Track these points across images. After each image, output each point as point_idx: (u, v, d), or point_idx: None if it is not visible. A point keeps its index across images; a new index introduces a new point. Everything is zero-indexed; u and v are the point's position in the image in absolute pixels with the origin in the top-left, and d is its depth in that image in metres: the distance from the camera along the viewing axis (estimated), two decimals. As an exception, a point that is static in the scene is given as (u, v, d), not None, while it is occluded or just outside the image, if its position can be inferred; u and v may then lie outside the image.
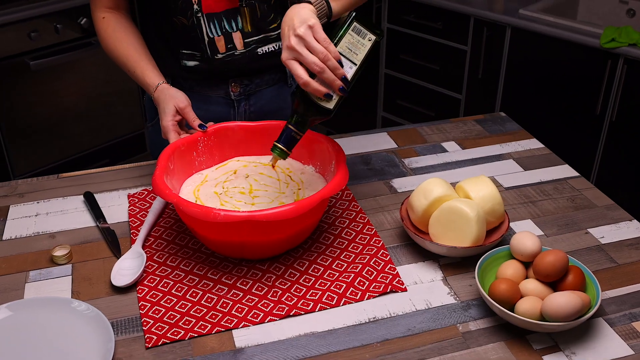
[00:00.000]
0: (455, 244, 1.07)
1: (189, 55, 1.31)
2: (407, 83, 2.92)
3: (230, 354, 0.93)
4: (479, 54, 2.56)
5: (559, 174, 1.36)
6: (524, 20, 2.38)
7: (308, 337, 0.96)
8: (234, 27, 1.28)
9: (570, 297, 0.91)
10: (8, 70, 2.57)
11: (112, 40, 1.31)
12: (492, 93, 2.59)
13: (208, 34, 1.28)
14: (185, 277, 1.07)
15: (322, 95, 1.04)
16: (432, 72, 2.79)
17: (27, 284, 1.07)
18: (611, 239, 1.16)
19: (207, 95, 1.36)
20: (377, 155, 1.42)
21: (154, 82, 1.27)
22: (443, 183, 1.13)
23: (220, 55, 1.30)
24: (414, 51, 2.83)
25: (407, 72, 2.91)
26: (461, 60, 2.65)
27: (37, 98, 2.69)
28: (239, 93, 1.36)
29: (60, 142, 2.82)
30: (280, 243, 1.07)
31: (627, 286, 1.05)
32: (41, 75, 2.65)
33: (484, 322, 0.99)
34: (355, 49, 1.05)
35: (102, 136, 2.94)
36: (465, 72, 2.66)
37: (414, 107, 2.93)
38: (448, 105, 2.79)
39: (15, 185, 1.34)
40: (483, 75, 2.59)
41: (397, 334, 0.97)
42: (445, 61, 2.73)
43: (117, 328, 0.98)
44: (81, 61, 2.73)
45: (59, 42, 2.66)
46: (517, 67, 2.48)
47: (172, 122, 1.21)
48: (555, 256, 0.97)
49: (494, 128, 1.55)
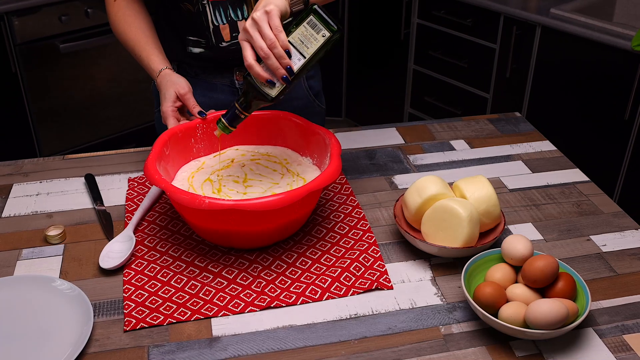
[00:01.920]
0: (447, 244, 1.04)
1: (194, 42, 1.30)
2: (435, 80, 2.88)
3: (206, 342, 0.93)
4: (508, 52, 2.50)
5: (568, 177, 1.32)
6: (554, 20, 2.31)
7: (286, 329, 0.95)
8: (239, 15, 1.28)
9: (555, 305, 0.88)
10: (38, 52, 2.61)
11: (121, 23, 1.32)
12: (519, 93, 2.53)
13: (213, 22, 1.27)
14: (172, 263, 1.07)
15: (264, 81, 1.04)
16: (460, 69, 2.74)
17: (19, 262, 1.08)
18: (613, 247, 1.12)
19: (211, 82, 1.36)
20: (383, 151, 1.40)
21: (158, 67, 1.27)
22: (439, 181, 1.10)
23: (225, 44, 1.29)
24: (443, 48, 2.78)
25: (435, 68, 2.86)
26: (490, 58, 2.60)
27: (67, 81, 2.73)
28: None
29: (88, 125, 2.86)
30: (268, 234, 1.06)
31: (623, 297, 1.01)
32: (71, 58, 2.70)
33: (467, 326, 0.96)
34: (307, 42, 1.04)
35: (131, 121, 2.97)
36: (494, 71, 2.61)
37: (441, 105, 2.88)
38: (475, 103, 2.74)
39: (21, 164, 1.36)
40: (511, 75, 2.53)
41: (376, 332, 0.95)
42: (473, 59, 2.68)
43: (98, 309, 0.98)
44: (111, 45, 2.76)
45: (89, 26, 2.70)
46: (545, 68, 2.42)
47: (171, 108, 1.21)
48: (545, 262, 0.94)
49: (506, 128, 1.51)
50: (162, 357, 0.90)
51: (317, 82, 1.49)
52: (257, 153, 1.24)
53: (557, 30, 2.32)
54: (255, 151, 1.24)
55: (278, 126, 1.24)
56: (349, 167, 1.34)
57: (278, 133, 1.25)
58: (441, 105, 2.88)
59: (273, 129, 1.24)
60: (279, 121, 1.24)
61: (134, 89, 2.95)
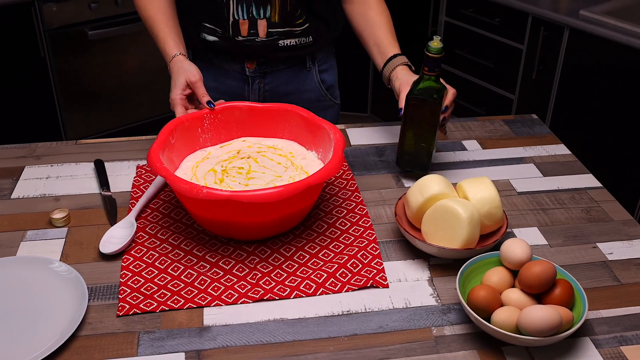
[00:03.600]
0: (446, 245, 1.03)
1: (210, 29, 1.31)
2: (461, 79, 2.84)
3: (196, 331, 0.93)
4: (535, 54, 2.46)
5: (580, 183, 1.29)
6: (583, 22, 2.26)
7: (277, 323, 0.95)
8: (261, 14, 1.28)
9: (548, 312, 0.86)
10: (67, 38, 2.65)
11: (145, 2, 1.31)
12: (545, 95, 2.49)
13: (234, 15, 1.28)
14: (171, 251, 1.08)
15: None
16: (486, 69, 2.70)
17: (22, 243, 1.10)
18: (619, 256, 1.09)
19: (223, 68, 1.36)
20: (393, 148, 1.39)
21: (172, 52, 1.27)
22: (442, 180, 1.09)
23: (241, 38, 1.30)
24: (470, 47, 2.75)
25: (461, 67, 2.83)
26: (516, 59, 2.56)
27: (95, 67, 2.77)
28: (254, 70, 1.36)
29: (115, 111, 2.90)
30: (266, 226, 1.06)
31: (625, 307, 0.99)
32: (99, 45, 2.73)
33: (460, 328, 0.95)
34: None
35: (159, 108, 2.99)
36: (520, 72, 2.56)
37: (466, 104, 2.85)
38: (500, 104, 2.70)
39: (35, 147, 1.38)
40: (537, 77, 2.49)
41: (367, 330, 0.94)
42: (500, 59, 2.64)
43: (94, 293, 0.99)
44: (140, 34, 2.78)
45: (118, 13, 2.73)
46: (572, 71, 2.37)
47: (180, 96, 1.22)
48: (542, 267, 0.92)
49: (521, 130, 1.48)
50: (151, 344, 0.91)
51: (332, 76, 1.48)
52: (263, 145, 1.24)
53: (585, 32, 2.26)
54: (262, 143, 1.24)
55: (285, 119, 1.24)
56: (357, 163, 1.33)
57: (285, 126, 1.25)
58: (466, 105, 2.85)
59: (281, 121, 1.24)
60: (287, 114, 1.23)
61: (162, 76, 2.96)
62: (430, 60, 1.15)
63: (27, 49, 2.56)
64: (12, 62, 2.54)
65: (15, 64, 2.55)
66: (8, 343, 0.90)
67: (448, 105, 1.22)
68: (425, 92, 1.18)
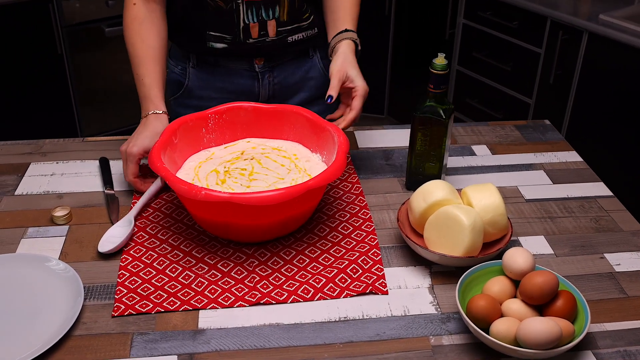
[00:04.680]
0: (447, 252, 1.01)
1: (217, 37, 1.29)
2: (478, 82, 2.81)
3: (190, 334, 0.92)
4: (553, 58, 2.42)
5: (590, 191, 1.26)
6: (603, 27, 2.22)
7: (272, 327, 0.94)
8: (270, 15, 1.27)
9: (548, 324, 0.84)
10: (84, 35, 2.67)
11: (134, 33, 1.26)
12: (562, 100, 2.45)
13: (244, 20, 1.27)
14: (170, 252, 1.07)
15: None
16: (504, 73, 2.67)
17: (23, 240, 1.10)
18: (627, 267, 1.06)
19: (231, 68, 1.35)
20: (401, 152, 1.37)
21: (157, 106, 1.21)
22: (446, 186, 1.07)
23: (252, 41, 1.29)
24: (487, 50, 2.72)
25: (478, 70, 2.80)
26: (534, 63, 2.52)
27: (111, 64, 2.79)
28: (263, 65, 1.35)
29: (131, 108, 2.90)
30: (265, 229, 1.05)
31: (630, 321, 0.96)
32: (116, 42, 2.74)
33: (459, 338, 0.93)
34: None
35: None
36: (537, 76, 2.53)
37: (482, 107, 2.82)
38: (517, 108, 2.67)
39: (41, 144, 1.38)
40: (555, 81, 2.45)
41: (363, 337, 0.92)
42: (517, 63, 2.60)
43: (91, 293, 0.99)
44: (155, 32, 2.79)
45: (135, 11, 2.73)
46: (591, 76, 2.33)
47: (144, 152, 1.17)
48: (544, 278, 0.89)
49: (533, 136, 1.45)
50: (144, 345, 0.90)
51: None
52: (267, 147, 1.22)
53: (605, 37, 2.22)
54: (267, 145, 1.23)
55: (290, 120, 1.22)
56: (363, 166, 1.32)
57: (290, 127, 1.23)
58: (482, 108, 2.82)
59: (286, 122, 1.23)
60: (292, 115, 1.22)
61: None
62: (435, 77, 1.13)
63: (44, 46, 2.58)
64: (29, 58, 2.56)
65: (32, 60, 2.57)
66: (1, 341, 0.89)
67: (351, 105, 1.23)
68: (431, 111, 1.15)
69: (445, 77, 1.13)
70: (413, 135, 1.19)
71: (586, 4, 2.41)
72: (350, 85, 1.22)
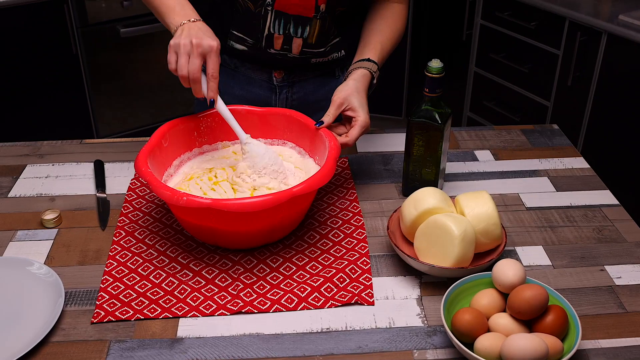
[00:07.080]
0: (437, 263, 0.98)
1: (239, 38, 1.26)
2: (495, 84, 2.75)
3: (168, 342, 0.90)
4: (571, 59, 2.35)
5: (595, 199, 1.21)
6: (622, 27, 2.16)
7: (252, 337, 0.91)
8: (298, 33, 1.23)
9: (534, 341, 0.80)
10: (99, 35, 2.68)
11: None
12: (581, 103, 2.38)
13: (270, 29, 1.23)
14: (156, 257, 1.06)
15: None
16: (521, 74, 2.61)
17: (11, 243, 1.10)
18: (629, 281, 1.02)
19: (250, 77, 1.33)
20: (400, 157, 1.33)
21: (192, 15, 1.15)
22: (438, 194, 1.03)
23: (273, 51, 1.26)
24: (505, 51, 2.66)
25: (495, 72, 2.74)
26: (552, 64, 2.46)
27: (126, 64, 2.79)
28: (282, 79, 1.32)
29: (146, 108, 2.91)
30: (251, 235, 1.03)
31: (627, 338, 0.92)
32: (130, 42, 2.75)
33: (444, 353, 0.89)
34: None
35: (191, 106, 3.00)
36: (555, 78, 2.46)
37: (499, 110, 2.76)
38: (535, 111, 2.60)
39: (39, 146, 1.38)
40: (573, 83, 2.39)
41: (344, 349, 0.90)
42: (535, 64, 2.54)
43: (73, 298, 0.98)
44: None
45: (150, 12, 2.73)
46: (610, 78, 2.26)
47: None
48: (533, 292, 0.86)
49: (539, 141, 1.41)
50: (120, 354, 0.89)
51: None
52: (263, 150, 1.20)
53: (624, 38, 2.16)
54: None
55: (285, 124, 1.20)
56: (360, 172, 1.29)
57: (285, 131, 1.21)
58: (500, 111, 2.76)
59: (280, 126, 1.21)
60: (286, 119, 1.20)
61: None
62: (430, 80, 1.09)
63: (59, 46, 2.59)
64: (44, 58, 2.58)
65: (48, 60, 2.59)
66: (-21, 346, 0.89)
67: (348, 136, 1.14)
68: (427, 115, 1.11)
69: (441, 81, 1.09)
70: (409, 140, 1.15)
71: (606, 4, 2.34)
72: (351, 114, 1.15)
